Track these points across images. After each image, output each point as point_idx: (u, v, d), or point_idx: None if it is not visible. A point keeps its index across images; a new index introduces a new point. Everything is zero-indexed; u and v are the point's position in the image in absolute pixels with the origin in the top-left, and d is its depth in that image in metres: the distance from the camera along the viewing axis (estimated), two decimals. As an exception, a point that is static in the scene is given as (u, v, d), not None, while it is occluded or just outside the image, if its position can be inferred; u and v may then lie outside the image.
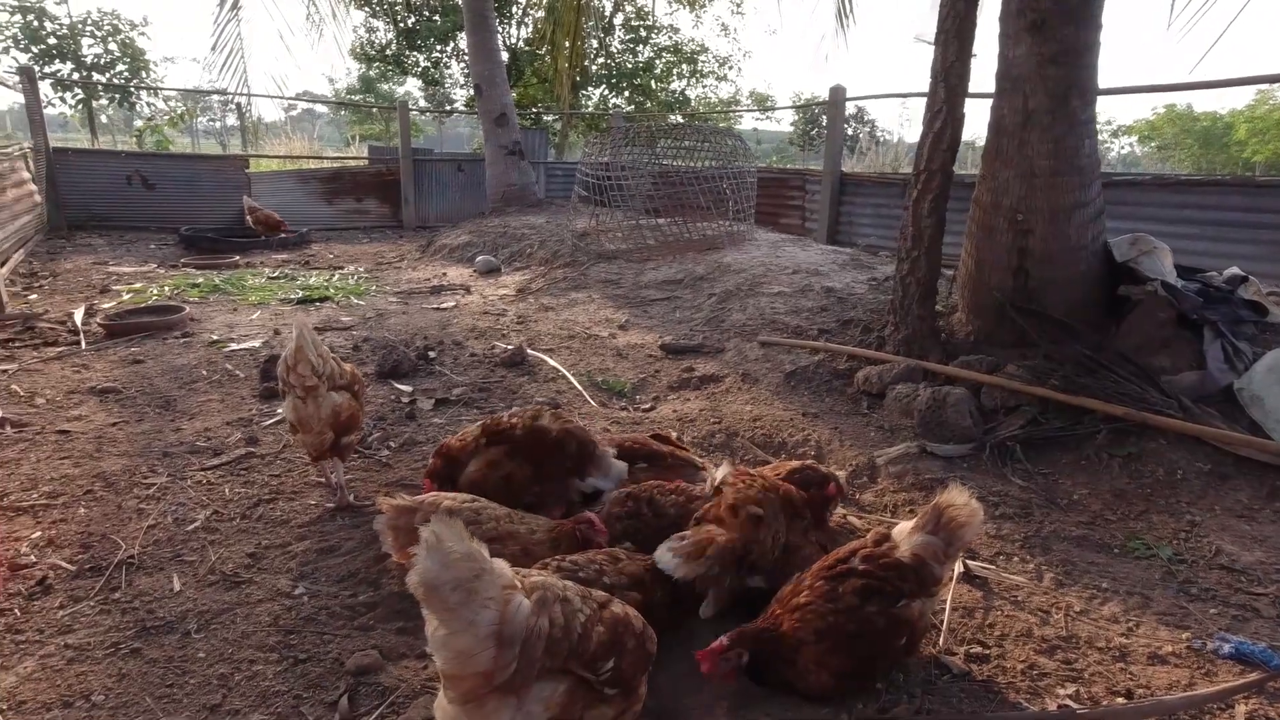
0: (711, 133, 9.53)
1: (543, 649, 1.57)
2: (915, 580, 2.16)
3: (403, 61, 22.09)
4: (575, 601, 1.71)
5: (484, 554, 1.55)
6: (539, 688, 1.60)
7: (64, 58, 20.78)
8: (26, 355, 5.17)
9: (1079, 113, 4.09)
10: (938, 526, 2.23)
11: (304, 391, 3.08)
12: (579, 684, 1.67)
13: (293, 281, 8.27)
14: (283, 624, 2.46)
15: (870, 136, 27.74)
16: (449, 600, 1.48)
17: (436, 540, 1.48)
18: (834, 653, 2.09)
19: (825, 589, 2.16)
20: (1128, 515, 3.22)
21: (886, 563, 2.18)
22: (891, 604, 2.13)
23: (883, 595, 2.13)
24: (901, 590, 2.14)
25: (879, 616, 2.11)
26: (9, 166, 8.82)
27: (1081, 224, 4.24)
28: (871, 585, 2.14)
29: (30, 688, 2.14)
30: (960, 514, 2.23)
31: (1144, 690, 2.23)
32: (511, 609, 1.54)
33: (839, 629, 2.08)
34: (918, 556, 2.19)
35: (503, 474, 2.92)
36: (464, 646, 1.50)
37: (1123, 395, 3.70)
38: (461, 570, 1.49)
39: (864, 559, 2.21)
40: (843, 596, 2.12)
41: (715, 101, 25.10)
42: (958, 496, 2.26)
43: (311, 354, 3.08)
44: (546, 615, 1.60)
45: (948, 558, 2.25)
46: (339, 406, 3.15)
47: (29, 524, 3.02)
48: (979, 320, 4.57)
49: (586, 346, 5.64)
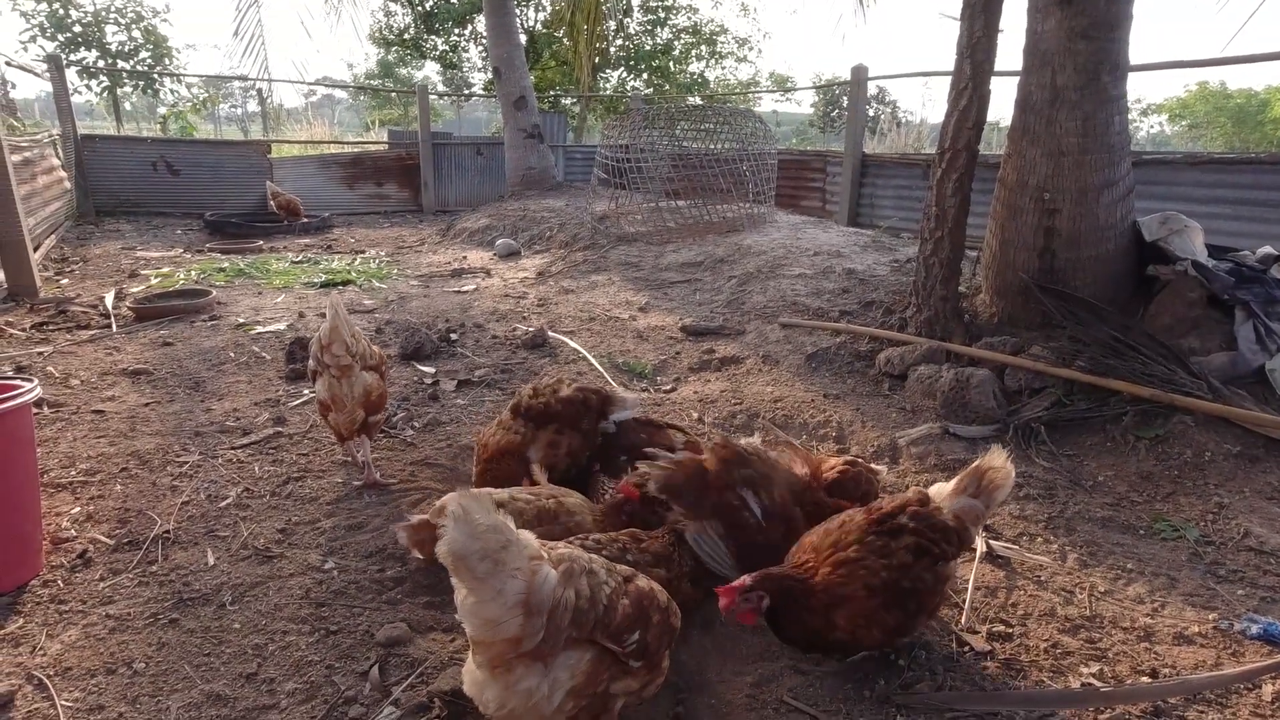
0: (731, 114, 9.44)
1: (569, 619, 1.61)
2: (957, 543, 2.18)
3: (421, 45, 22.07)
4: (601, 574, 1.73)
5: (510, 526, 1.58)
6: (565, 656, 1.64)
7: (89, 45, 21.02)
8: (61, 338, 5.29)
9: (1110, 88, 4.00)
10: (979, 490, 2.25)
11: (339, 371, 3.14)
12: (604, 654, 1.70)
13: (316, 266, 8.36)
14: (314, 597, 2.52)
15: (892, 117, 27.32)
16: (477, 570, 1.52)
17: (464, 512, 1.52)
18: (888, 608, 2.08)
19: (880, 544, 2.13)
20: (1154, 497, 3.19)
21: (935, 523, 2.18)
22: (936, 563, 2.13)
23: (930, 555, 2.12)
24: (947, 552, 2.15)
25: (928, 574, 2.12)
26: (39, 153, 8.97)
27: (1110, 203, 4.16)
28: (922, 544, 2.12)
29: (75, 655, 2.22)
30: (998, 476, 2.25)
31: (1169, 670, 2.22)
32: (539, 579, 1.58)
33: (894, 585, 2.07)
34: (960, 519, 2.21)
35: (565, 450, 2.99)
36: (492, 614, 1.54)
37: (1150, 377, 3.66)
38: (489, 541, 1.52)
39: (912, 517, 2.18)
40: (896, 552, 2.11)
41: (735, 83, 24.84)
42: (998, 459, 2.28)
43: (346, 334, 3.14)
44: (573, 587, 1.63)
45: (981, 522, 2.28)
46: (370, 386, 3.21)
47: (69, 500, 3.11)
48: (1003, 301, 4.51)
49: (607, 329, 5.66)
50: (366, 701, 2.07)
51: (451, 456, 3.62)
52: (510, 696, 1.60)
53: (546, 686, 1.61)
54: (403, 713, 2.00)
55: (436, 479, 3.41)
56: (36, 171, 8.59)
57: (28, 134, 9.36)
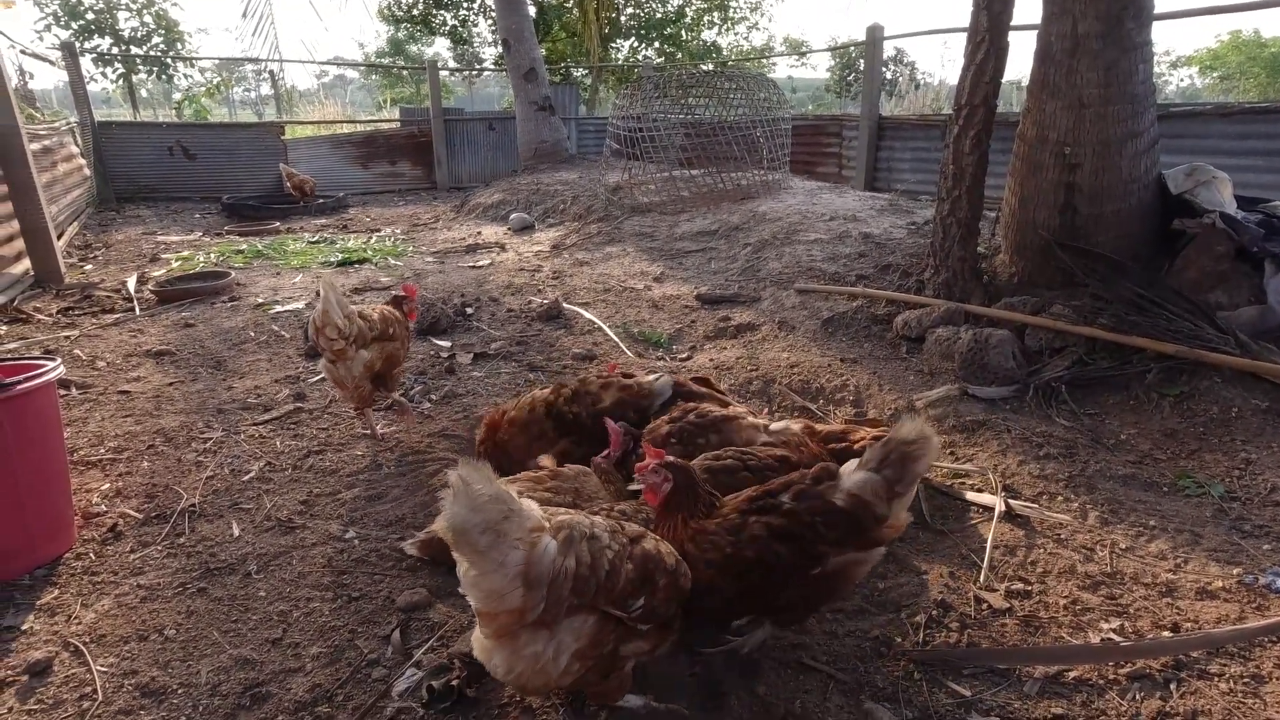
0: (745, 79, 9.28)
1: (570, 588, 1.58)
2: (845, 527, 1.95)
3: (430, 21, 21.88)
4: (604, 539, 1.69)
5: (512, 495, 1.56)
6: (569, 621, 1.62)
7: (102, 32, 21.12)
8: (86, 322, 5.39)
9: (1133, 35, 3.87)
10: (884, 463, 1.99)
11: (333, 355, 3.18)
12: (608, 618, 1.68)
13: (332, 245, 8.41)
14: (336, 565, 2.57)
15: (910, 79, 26.69)
16: (478, 543, 1.49)
17: (464, 484, 1.48)
18: (723, 575, 1.93)
19: (737, 523, 1.99)
20: (1178, 454, 3.14)
21: (817, 505, 1.97)
22: (809, 545, 1.95)
23: (798, 541, 1.94)
24: (825, 535, 1.94)
25: (787, 553, 1.93)
26: (58, 141, 9.06)
27: (1134, 155, 4.04)
28: (791, 529, 1.94)
29: (109, 623, 2.29)
30: (911, 448, 1.97)
31: (1191, 625, 2.20)
32: (539, 551, 1.55)
33: (737, 560, 1.93)
34: (854, 498, 1.96)
35: (576, 458, 2.86)
36: (494, 586, 1.52)
37: (1175, 333, 3.58)
38: (490, 512, 1.50)
39: (795, 496, 2.01)
40: (749, 530, 1.96)
41: (748, 49, 24.38)
42: (908, 429, 1.99)
43: (337, 317, 3.16)
44: (573, 554, 1.60)
45: (897, 495, 1.99)
46: (370, 361, 3.25)
47: (98, 476, 3.19)
48: (1022, 261, 4.42)
49: (622, 299, 5.64)
50: (389, 664, 2.12)
51: (468, 428, 3.65)
52: (517, 661, 1.61)
53: (552, 650, 1.61)
54: (424, 674, 2.04)
55: (454, 450, 3.44)
56: (56, 159, 8.69)
57: (46, 123, 9.45)
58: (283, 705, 1.97)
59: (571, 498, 2.46)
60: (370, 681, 2.05)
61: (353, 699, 1.99)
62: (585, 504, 2.44)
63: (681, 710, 1.94)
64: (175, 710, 1.96)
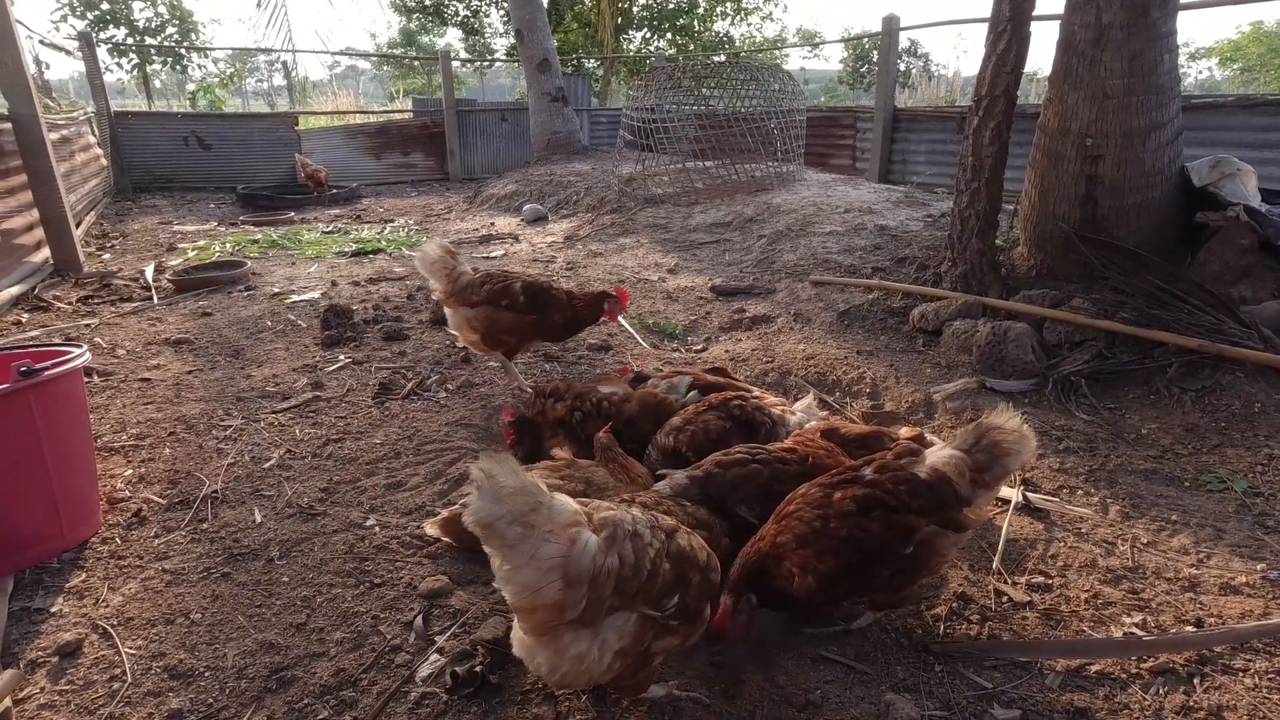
0: (758, 70, 9.22)
1: (612, 588, 1.55)
2: (929, 496, 1.97)
3: (442, 11, 21.89)
4: (646, 535, 1.67)
5: (540, 487, 1.52)
6: (611, 619, 1.61)
7: (117, 23, 21.22)
8: (105, 311, 5.44)
9: (1159, 24, 3.82)
10: (975, 446, 2.02)
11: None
12: (646, 617, 1.67)
13: (346, 235, 8.44)
14: (357, 552, 2.59)
15: (924, 70, 26.44)
16: (507, 536, 1.46)
17: (487, 477, 1.45)
18: (820, 556, 1.95)
19: (819, 495, 2.02)
20: (1200, 449, 3.12)
21: (897, 475, 2.00)
22: (893, 514, 1.96)
23: (885, 507, 1.96)
24: (909, 504, 1.96)
25: (875, 523, 1.95)
26: (76, 131, 9.13)
27: (1157, 147, 4.00)
28: (873, 496, 1.96)
29: (135, 607, 2.32)
30: (1007, 438, 1.99)
31: (1215, 620, 2.19)
32: (578, 547, 1.52)
33: (824, 533, 1.95)
34: (938, 472, 1.99)
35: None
36: (528, 580, 1.49)
37: (1197, 327, 3.55)
38: (516, 504, 1.46)
39: (877, 469, 2.04)
40: (834, 500, 1.98)
41: (761, 41, 24.22)
42: (1005, 419, 2.03)
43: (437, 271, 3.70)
44: (616, 552, 1.57)
45: (981, 484, 2.00)
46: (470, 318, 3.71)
47: (121, 463, 3.23)
48: (1042, 253, 4.39)
49: (637, 290, 5.64)
50: (411, 649, 2.13)
51: (485, 417, 3.66)
52: (562, 661, 1.59)
53: (596, 650, 1.59)
54: (447, 660, 2.06)
55: (472, 439, 3.46)
56: (74, 149, 8.76)
57: (64, 112, 9.52)
58: (308, 688, 1.99)
59: (582, 486, 2.47)
60: (393, 667, 2.07)
61: (376, 683, 2.01)
62: (595, 493, 2.45)
63: (702, 699, 1.95)
64: (203, 692, 1.98)
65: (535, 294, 3.65)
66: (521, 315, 3.65)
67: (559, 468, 2.55)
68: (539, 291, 3.66)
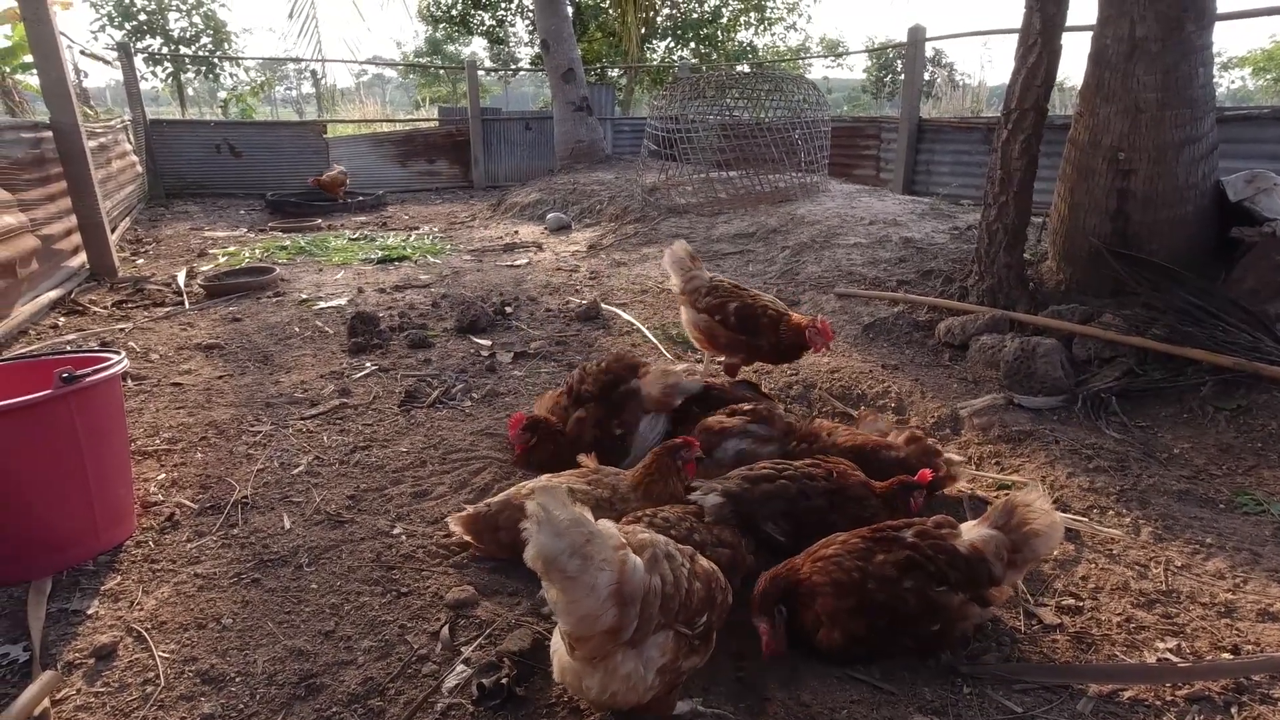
0: (782, 79, 9.23)
1: (659, 606, 1.60)
2: (966, 570, 2.04)
3: (469, 21, 22.15)
4: (678, 557, 1.72)
5: (588, 516, 1.56)
6: (653, 639, 1.65)
7: (153, 33, 21.73)
8: (139, 315, 5.56)
9: (1194, 38, 3.77)
10: (1007, 525, 2.10)
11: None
12: (680, 635, 1.71)
13: (372, 243, 8.55)
14: (384, 560, 2.62)
15: (948, 80, 26.27)
16: (568, 569, 1.49)
17: (545, 513, 1.48)
18: (853, 615, 2.00)
19: (861, 546, 2.08)
20: (1235, 470, 3.06)
21: (941, 545, 2.06)
22: (930, 584, 2.02)
23: (923, 573, 2.01)
24: (947, 576, 2.02)
25: (911, 595, 2.00)
26: (113, 139, 9.34)
27: (1191, 161, 3.94)
28: (915, 559, 2.02)
29: (169, 611, 2.36)
30: (1033, 516, 2.07)
31: (1252, 647, 2.14)
32: (629, 569, 1.56)
33: (861, 588, 2.00)
34: (977, 550, 2.07)
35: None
36: (588, 610, 1.52)
37: (1232, 345, 3.48)
38: (574, 536, 1.50)
39: (917, 534, 2.10)
40: (877, 560, 2.03)
41: (784, 50, 24.22)
42: (1033, 497, 2.11)
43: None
44: (658, 573, 1.62)
45: (1012, 565, 2.08)
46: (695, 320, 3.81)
47: (154, 467, 3.29)
48: (1071, 268, 4.34)
49: (659, 300, 5.65)
50: (438, 660, 2.15)
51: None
52: (612, 681, 1.63)
53: (643, 668, 1.63)
54: (474, 671, 2.07)
55: (497, 449, 3.48)
56: (111, 157, 8.96)
57: (101, 120, 9.75)
58: (336, 697, 2.01)
59: (608, 493, 2.51)
60: (420, 676, 2.09)
61: (404, 693, 2.03)
62: (620, 503, 2.48)
63: (727, 715, 1.94)
64: (234, 698, 2.01)
65: (746, 319, 3.64)
66: (734, 334, 3.69)
67: (586, 474, 2.61)
68: (749, 317, 3.65)
